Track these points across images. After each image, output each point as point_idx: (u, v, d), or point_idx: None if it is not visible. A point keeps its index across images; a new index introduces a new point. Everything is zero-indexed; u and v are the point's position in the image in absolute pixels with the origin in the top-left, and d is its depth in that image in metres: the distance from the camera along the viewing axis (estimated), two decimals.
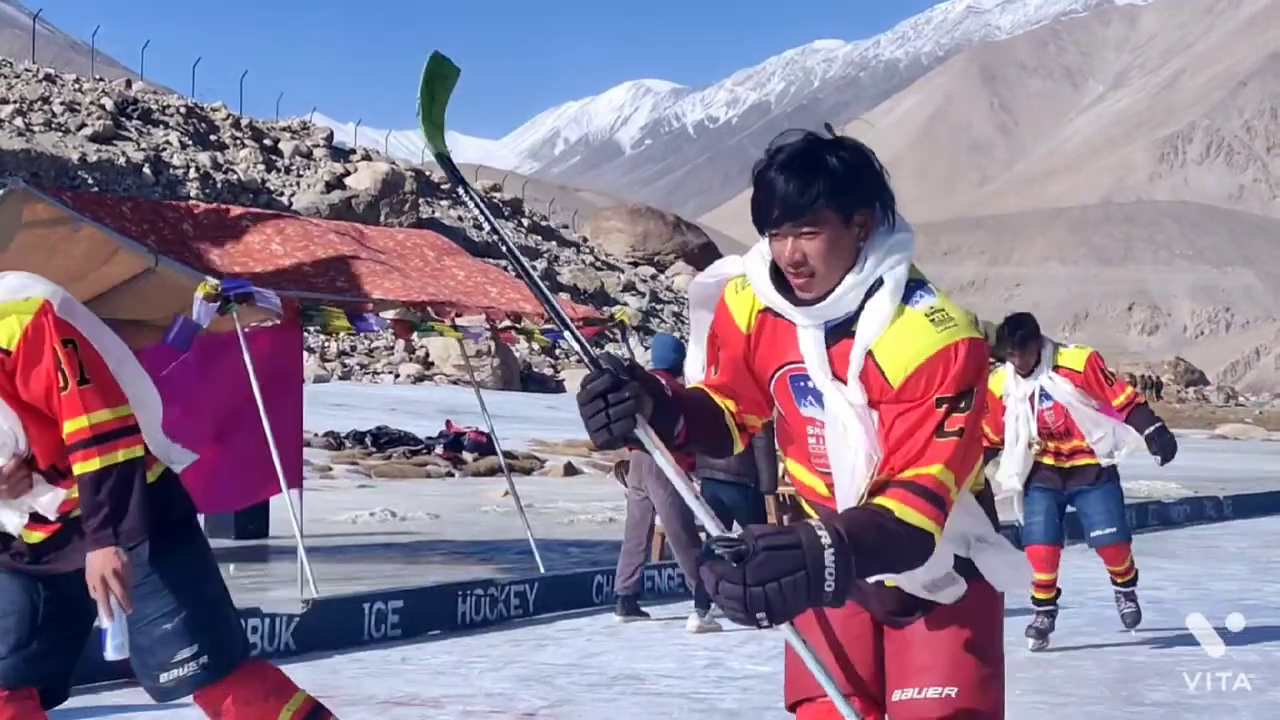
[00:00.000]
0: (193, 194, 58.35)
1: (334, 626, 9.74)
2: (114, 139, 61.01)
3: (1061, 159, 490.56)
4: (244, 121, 72.22)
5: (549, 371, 53.11)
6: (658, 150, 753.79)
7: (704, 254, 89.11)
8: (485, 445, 27.84)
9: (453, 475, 26.45)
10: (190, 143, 65.53)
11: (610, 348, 58.70)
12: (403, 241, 13.60)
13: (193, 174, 61.53)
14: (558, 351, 55.99)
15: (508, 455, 22.50)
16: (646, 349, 53.76)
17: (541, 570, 12.14)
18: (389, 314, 12.19)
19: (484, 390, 45.65)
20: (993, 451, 9.82)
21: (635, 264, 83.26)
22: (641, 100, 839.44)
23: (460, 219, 73.03)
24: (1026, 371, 9.27)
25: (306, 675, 8.72)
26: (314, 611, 9.63)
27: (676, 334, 66.74)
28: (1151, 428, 9.66)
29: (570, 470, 27.80)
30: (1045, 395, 9.28)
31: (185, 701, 4.53)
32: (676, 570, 12.65)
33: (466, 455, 27.69)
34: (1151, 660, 9.39)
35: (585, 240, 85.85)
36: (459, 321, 12.92)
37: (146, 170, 59.57)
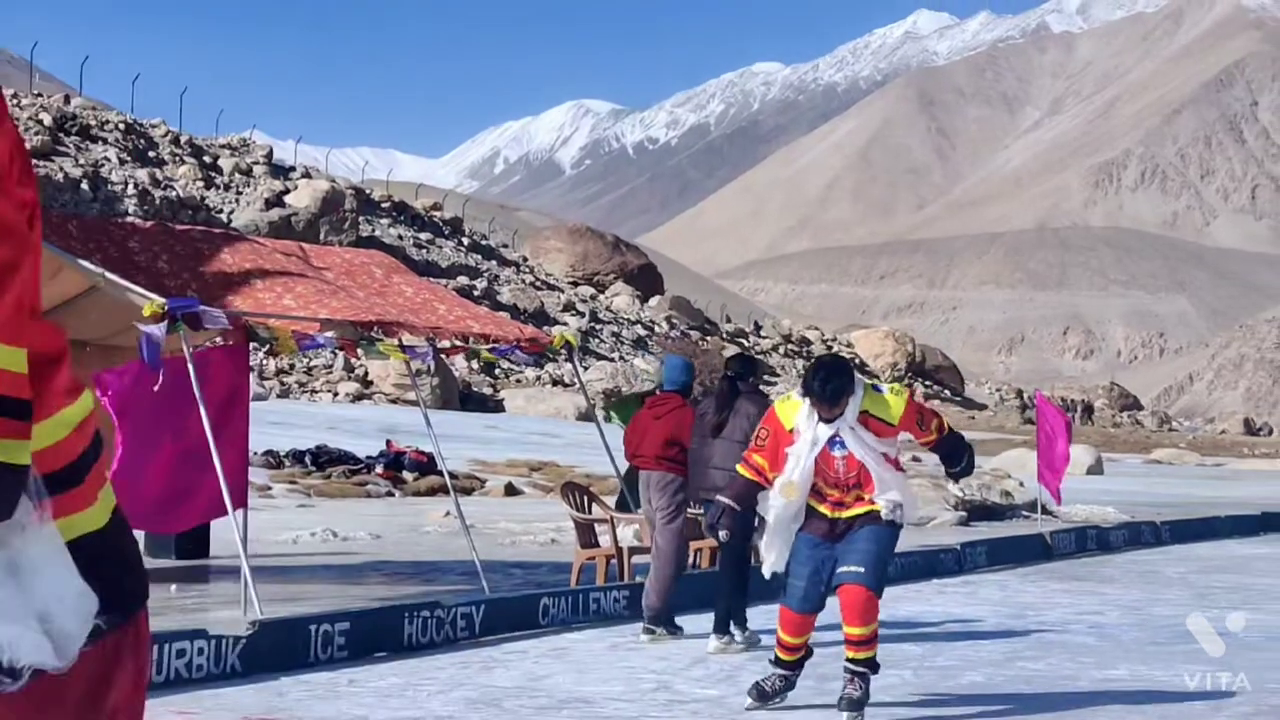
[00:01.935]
0: (131, 210, 57.96)
1: (280, 648, 9.68)
2: (52, 155, 60.53)
3: (998, 184, 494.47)
4: (183, 138, 71.85)
5: (488, 391, 53.03)
6: (597, 170, 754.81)
7: (643, 274, 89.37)
8: (426, 465, 27.74)
9: (393, 495, 26.31)
10: (129, 159, 65.12)
11: (551, 368, 58.64)
12: (350, 260, 13.58)
13: (131, 190, 61.12)
14: (497, 371, 55.92)
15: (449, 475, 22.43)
16: (587, 369, 53.80)
17: (487, 592, 12.12)
18: (332, 333, 12.15)
19: (421, 409, 45.40)
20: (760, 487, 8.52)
21: (575, 284, 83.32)
22: (581, 120, 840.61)
23: (400, 237, 72.85)
24: (830, 418, 8.03)
25: (253, 698, 8.70)
26: (260, 633, 9.57)
27: (611, 355, 66.89)
28: (957, 467, 8.65)
29: (511, 490, 27.73)
30: (842, 443, 8.01)
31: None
32: (621, 592, 12.66)
33: (407, 475, 27.56)
34: (1095, 686, 9.45)
35: (525, 260, 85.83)
36: (405, 340, 12.90)
37: (85, 186, 59.12)
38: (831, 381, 7.92)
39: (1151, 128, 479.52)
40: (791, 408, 8.21)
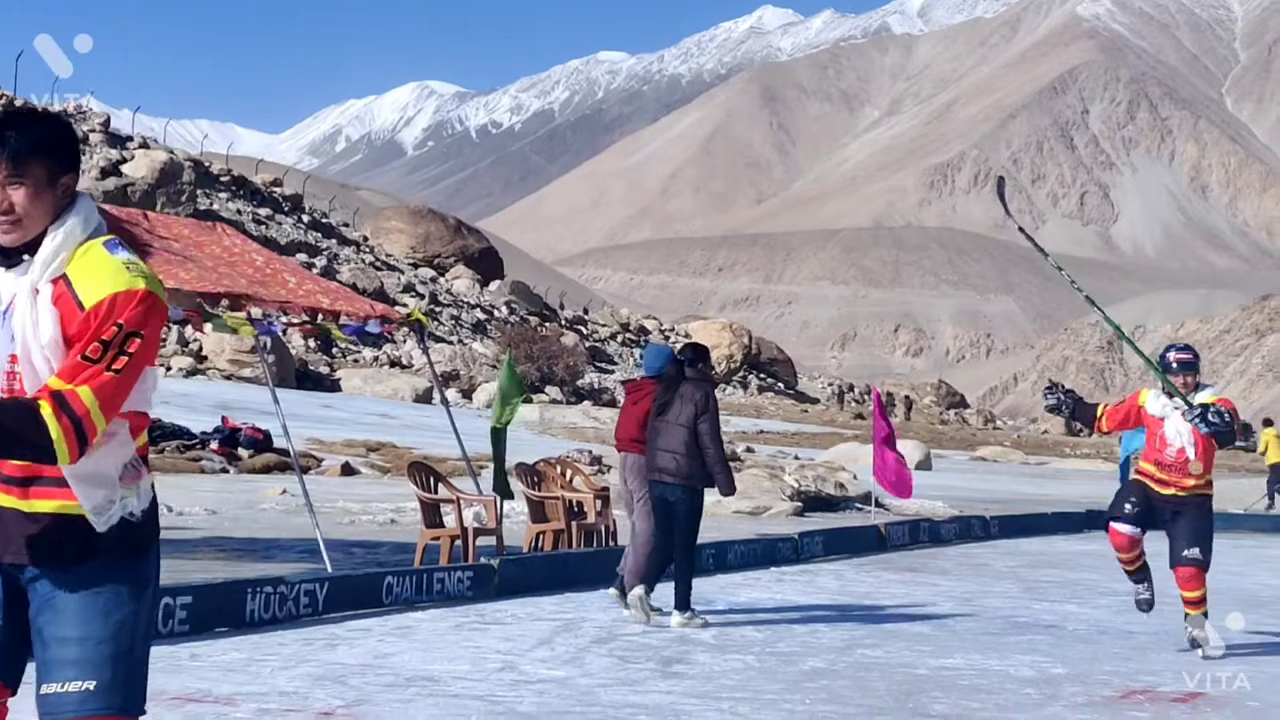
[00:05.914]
0: None
1: None
2: None
3: (836, 181, 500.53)
4: (18, 102, 70.10)
5: (325, 370, 52.48)
6: (440, 152, 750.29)
7: (484, 258, 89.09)
8: (261, 442, 27.42)
9: (228, 471, 25.95)
10: None
11: (389, 349, 58.16)
12: (197, 231, 13.37)
13: None
14: (335, 350, 55.39)
15: (285, 453, 22.21)
16: (425, 351, 53.41)
17: (329, 569, 12.03)
18: (176, 305, 11.94)
19: (256, 386, 44.39)
20: None
21: (415, 265, 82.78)
22: (425, 102, 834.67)
23: (239, 212, 71.81)
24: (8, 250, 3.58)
25: None
26: None
27: (449, 338, 66.54)
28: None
29: (348, 470, 27.50)
30: (9, 323, 3.58)
31: None
32: (466, 573, 12.64)
33: (242, 451, 27.20)
34: (933, 674, 9.64)
35: (365, 239, 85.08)
36: (253, 312, 12.72)
37: None
38: (25, 128, 3.55)
39: (986, 132, 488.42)
40: None
